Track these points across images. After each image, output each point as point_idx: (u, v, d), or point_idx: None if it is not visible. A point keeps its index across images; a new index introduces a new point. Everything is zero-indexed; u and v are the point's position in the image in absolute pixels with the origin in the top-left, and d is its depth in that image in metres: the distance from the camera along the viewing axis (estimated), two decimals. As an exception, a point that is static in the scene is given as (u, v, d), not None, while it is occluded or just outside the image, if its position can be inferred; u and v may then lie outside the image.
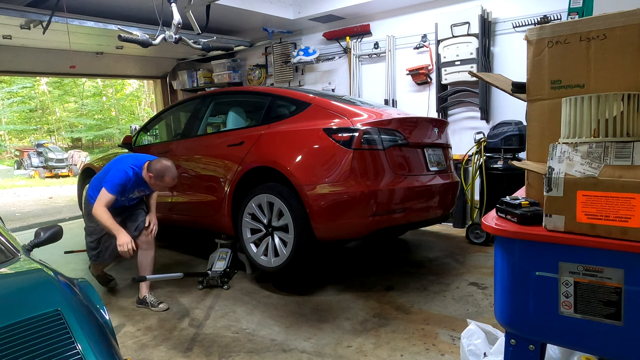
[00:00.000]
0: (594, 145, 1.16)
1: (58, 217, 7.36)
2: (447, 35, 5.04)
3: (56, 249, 3.10)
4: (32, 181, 15.46)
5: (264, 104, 3.71)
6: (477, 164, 4.67)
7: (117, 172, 3.02)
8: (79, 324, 1.49)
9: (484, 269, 3.71)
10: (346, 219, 3.02)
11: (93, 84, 24.39)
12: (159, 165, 3.02)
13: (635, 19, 1.22)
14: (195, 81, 7.67)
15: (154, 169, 3.01)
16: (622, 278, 1.13)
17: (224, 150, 3.66)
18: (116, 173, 3.01)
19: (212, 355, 2.48)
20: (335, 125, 3.10)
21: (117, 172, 3.02)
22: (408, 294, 3.20)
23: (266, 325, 2.81)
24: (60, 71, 7.26)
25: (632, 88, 1.22)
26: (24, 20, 4.51)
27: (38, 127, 25.59)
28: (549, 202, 1.21)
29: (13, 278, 1.88)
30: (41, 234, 2.23)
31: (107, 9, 5.12)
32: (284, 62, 6.71)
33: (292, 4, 5.98)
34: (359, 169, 2.97)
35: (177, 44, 4.20)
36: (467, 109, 5.30)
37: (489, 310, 2.89)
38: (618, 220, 1.11)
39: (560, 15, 4.46)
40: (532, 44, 1.40)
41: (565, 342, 1.29)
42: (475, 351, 1.89)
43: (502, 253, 1.31)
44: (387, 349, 2.46)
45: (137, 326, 2.89)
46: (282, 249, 3.18)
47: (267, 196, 3.24)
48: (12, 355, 1.31)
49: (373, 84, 6.02)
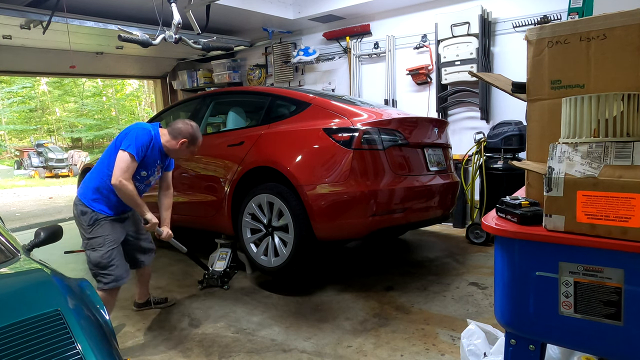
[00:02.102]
0: (594, 145, 1.16)
1: (58, 217, 7.36)
2: (447, 35, 5.04)
3: (56, 249, 3.08)
4: (32, 181, 15.47)
5: (264, 104, 3.71)
6: (477, 164, 4.67)
7: (138, 132, 2.51)
8: (79, 324, 1.49)
9: (484, 269, 3.71)
10: (346, 219, 3.02)
11: (93, 84, 24.39)
12: (187, 127, 2.60)
13: (635, 19, 1.22)
14: (195, 81, 7.66)
15: (185, 132, 2.60)
16: (622, 278, 1.13)
17: (224, 150, 3.66)
18: (138, 133, 2.50)
19: (212, 355, 2.48)
20: (335, 125, 3.10)
21: (139, 132, 2.51)
22: (408, 294, 3.20)
23: (266, 325, 2.81)
24: (60, 71, 7.26)
25: (632, 88, 1.22)
26: (24, 20, 4.51)
27: (38, 127, 25.60)
28: (549, 202, 1.21)
29: (13, 278, 1.88)
30: (41, 234, 2.23)
31: (107, 9, 5.12)
32: (284, 62, 6.71)
33: (292, 4, 5.97)
34: (359, 169, 2.97)
35: (177, 44, 4.20)
36: (467, 109, 5.30)
37: (489, 310, 2.89)
38: (618, 220, 1.11)
39: (560, 15, 4.46)
40: (532, 44, 1.40)
41: (565, 342, 1.29)
42: (475, 351, 1.89)
43: (502, 253, 1.31)
44: (387, 349, 2.46)
45: (137, 326, 2.88)
46: (282, 248, 3.18)
47: (267, 196, 3.24)
48: (12, 355, 1.31)
49: (373, 84, 6.02)
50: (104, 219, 2.58)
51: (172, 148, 2.66)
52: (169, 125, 2.71)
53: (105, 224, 2.57)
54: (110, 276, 2.51)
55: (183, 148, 2.65)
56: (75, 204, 2.63)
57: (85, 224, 2.56)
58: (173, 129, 2.65)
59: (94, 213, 2.55)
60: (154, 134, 2.60)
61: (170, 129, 2.66)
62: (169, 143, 2.65)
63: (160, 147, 2.64)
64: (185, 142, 2.63)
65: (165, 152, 2.69)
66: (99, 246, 2.53)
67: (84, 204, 2.58)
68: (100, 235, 2.54)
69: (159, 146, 2.63)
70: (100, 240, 2.54)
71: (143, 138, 2.51)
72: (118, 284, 2.55)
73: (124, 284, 2.62)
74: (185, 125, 2.66)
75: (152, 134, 2.58)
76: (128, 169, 2.46)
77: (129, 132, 2.53)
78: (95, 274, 2.56)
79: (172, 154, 2.72)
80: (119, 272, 2.55)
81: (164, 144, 2.65)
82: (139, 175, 2.61)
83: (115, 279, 2.53)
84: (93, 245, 2.54)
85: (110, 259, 2.53)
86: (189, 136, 2.64)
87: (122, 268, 2.58)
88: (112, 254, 2.54)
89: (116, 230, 2.62)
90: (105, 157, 2.61)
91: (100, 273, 2.53)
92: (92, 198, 2.58)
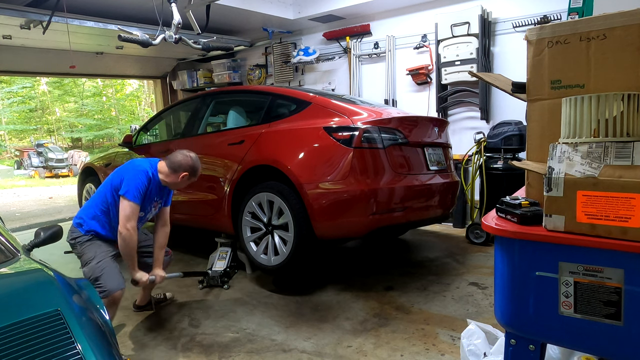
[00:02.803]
0: (594, 145, 1.16)
1: (58, 217, 7.36)
2: (447, 35, 5.04)
3: (56, 249, 3.08)
4: (32, 181, 15.46)
5: (264, 103, 3.72)
6: (477, 164, 4.67)
7: (135, 174, 2.56)
8: (79, 324, 1.49)
9: (484, 269, 3.71)
10: (346, 218, 3.02)
11: (93, 84, 24.39)
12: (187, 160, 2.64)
13: (635, 19, 1.22)
14: (195, 81, 7.67)
15: (185, 166, 2.63)
16: (622, 278, 1.13)
17: (224, 149, 3.66)
18: (135, 176, 2.55)
19: (212, 355, 2.48)
20: (335, 124, 3.10)
21: (136, 174, 2.56)
22: (408, 294, 3.20)
23: (266, 325, 2.81)
24: (60, 71, 7.27)
25: (632, 88, 1.22)
26: (24, 20, 4.51)
27: (38, 127, 25.60)
28: (549, 202, 1.21)
29: (13, 278, 1.88)
30: (41, 234, 2.24)
31: (107, 9, 5.12)
32: (284, 62, 6.71)
33: (292, 4, 5.97)
34: (359, 167, 2.98)
35: (177, 44, 4.20)
36: (467, 109, 5.30)
37: (489, 310, 2.89)
38: (618, 220, 1.11)
39: (560, 15, 4.46)
40: (532, 44, 1.40)
41: (565, 342, 1.29)
42: (475, 351, 1.89)
43: (502, 253, 1.31)
44: (387, 349, 2.46)
45: (137, 326, 2.89)
46: (282, 247, 3.18)
47: (267, 195, 3.24)
48: (12, 355, 1.31)
49: (373, 84, 6.02)
50: (96, 237, 2.65)
51: (173, 182, 2.69)
52: (167, 159, 2.71)
53: (96, 240, 2.64)
54: (103, 286, 2.49)
55: (184, 180, 2.69)
56: (70, 230, 2.68)
57: (79, 246, 2.63)
58: (172, 163, 2.66)
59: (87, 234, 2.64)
60: (152, 174, 2.63)
61: (169, 163, 2.67)
62: (168, 178, 2.67)
63: (158, 183, 2.68)
64: (186, 175, 2.67)
65: (165, 186, 2.74)
66: (91, 259, 2.56)
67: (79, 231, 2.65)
68: (92, 249, 2.59)
69: (157, 183, 2.67)
70: (91, 254, 2.58)
71: (141, 181, 2.56)
72: (112, 293, 2.50)
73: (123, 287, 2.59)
74: (185, 157, 2.67)
75: (150, 174, 2.61)
76: (133, 215, 2.52)
77: (126, 175, 2.57)
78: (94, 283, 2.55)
79: (172, 186, 2.76)
80: (111, 281, 2.50)
81: (163, 180, 2.68)
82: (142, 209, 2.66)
83: (109, 288, 2.48)
84: (85, 260, 2.59)
85: (100, 271, 2.51)
86: (190, 169, 2.67)
87: (114, 279, 2.53)
88: (102, 265, 2.54)
89: (107, 244, 2.67)
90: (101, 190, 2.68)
91: (96, 284, 2.50)
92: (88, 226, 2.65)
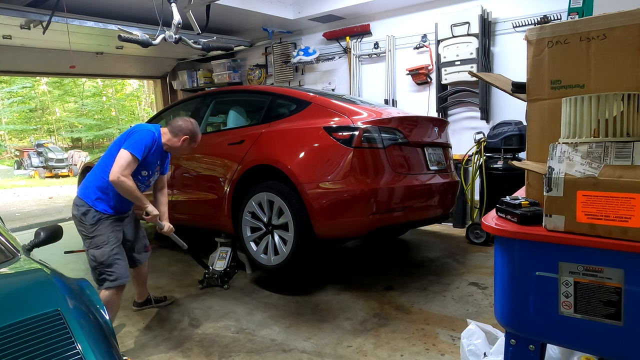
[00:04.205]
0: (594, 145, 1.16)
1: (58, 217, 7.36)
2: (447, 35, 5.04)
3: (56, 249, 3.08)
4: (32, 181, 15.46)
5: (264, 103, 3.72)
6: (477, 164, 4.67)
7: (141, 132, 2.59)
8: (79, 324, 1.49)
9: (484, 269, 3.71)
10: (346, 217, 3.02)
11: (93, 84, 24.39)
12: (187, 124, 2.70)
13: (635, 19, 1.22)
14: (195, 81, 7.67)
15: (185, 129, 2.70)
16: (622, 278, 1.13)
17: (225, 149, 3.66)
18: (142, 133, 2.58)
19: (212, 355, 2.48)
20: (335, 124, 3.10)
21: (142, 132, 2.59)
22: (408, 294, 3.20)
23: (266, 325, 2.81)
24: (60, 71, 7.26)
25: (632, 88, 1.22)
26: (24, 20, 4.51)
27: (38, 127, 25.60)
28: (549, 202, 1.21)
29: (13, 278, 1.88)
30: (41, 234, 2.23)
31: (107, 9, 5.12)
32: (284, 62, 6.71)
33: (292, 4, 5.97)
34: (359, 167, 2.98)
35: (177, 44, 4.20)
36: (467, 109, 5.30)
37: (489, 310, 2.89)
38: (618, 220, 1.11)
39: (560, 15, 4.46)
40: (532, 44, 1.40)
41: (565, 342, 1.29)
42: (475, 351, 1.89)
43: (502, 253, 1.31)
44: (387, 349, 2.46)
45: (137, 326, 2.89)
46: (282, 247, 3.18)
47: (268, 194, 3.24)
48: (12, 355, 1.31)
49: (373, 84, 6.02)
50: (106, 218, 2.60)
51: (174, 146, 2.73)
52: (169, 124, 2.78)
53: (107, 223, 2.60)
54: (115, 273, 2.54)
55: (185, 145, 2.74)
56: (76, 204, 2.62)
57: (87, 223, 2.56)
58: (174, 127, 2.73)
59: (97, 212, 2.57)
60: (157, 135, 2.67)
61: (171, 127, 2.73)
62: (170, 141, 2.72)
63: (161, 147, 2.72)
64: (187, 138, 2.72)
65: (167, 150, 2.78)
66: (104, 244, 2.55)
67: (86, 203, 2.58)
68: (104, 233, 2.57)
69: (160, 146, 2.71)
70: (105, 238, 2.56)
71: (147, 139, 2.57)
72: (123, 281, 2.57)
73: (126, 282, 2.63)
74: (185, 122, 2.75)
75: (155, 135, 2.65)
76: (128, 167, 2.48)
77: (133, 133, 2.59)
78: (100, 272, 2.55)
79: (174, 151, 2.80)
80: (123, 270, 2.59)
81: (165, 143, 2.72)
82: (140, 175, 2.65)
83: (120, 276, 2.56)
84: (97, 243, 2.55)
85: (115, 256, 2.56)
86: (190, 133, 2.73)
87: (125, 266, 2.62)
88: (116, 251, 2.58)
89: (117, 229, 2.66)
90: (107, 157, 2.63)
91: (106, 271, 2.54)
92: (94, 198, 2.59)
